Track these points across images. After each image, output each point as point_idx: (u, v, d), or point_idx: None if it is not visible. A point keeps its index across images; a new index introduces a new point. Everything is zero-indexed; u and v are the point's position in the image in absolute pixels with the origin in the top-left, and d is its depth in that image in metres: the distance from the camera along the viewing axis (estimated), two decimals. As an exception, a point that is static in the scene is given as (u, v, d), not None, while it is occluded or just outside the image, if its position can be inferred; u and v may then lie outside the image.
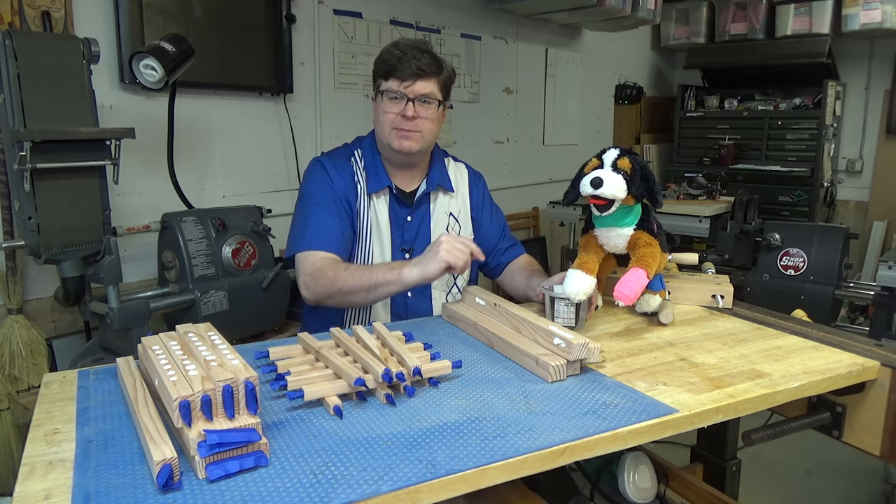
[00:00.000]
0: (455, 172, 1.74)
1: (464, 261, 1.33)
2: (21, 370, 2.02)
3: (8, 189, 1.92)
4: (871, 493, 2.56)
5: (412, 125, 1.52)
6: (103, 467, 0.79)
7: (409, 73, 1.49)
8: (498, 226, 1.80)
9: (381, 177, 1.61)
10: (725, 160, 4.65)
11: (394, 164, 1.63)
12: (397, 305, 1.61)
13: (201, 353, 0.90)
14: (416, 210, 1.64)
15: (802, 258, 2.59)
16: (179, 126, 2.36)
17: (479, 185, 1.79)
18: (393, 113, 1.52)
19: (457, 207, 1.71)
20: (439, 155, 1.73)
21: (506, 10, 3.80)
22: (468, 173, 1.78)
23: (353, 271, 1.44)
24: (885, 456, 1.18)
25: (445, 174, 1.70)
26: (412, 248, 1.62)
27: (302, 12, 2.89)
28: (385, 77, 1.53)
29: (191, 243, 2.10)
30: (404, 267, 1.38)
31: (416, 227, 1.64)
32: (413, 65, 1.48)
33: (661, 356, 1.18)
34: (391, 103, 1.52)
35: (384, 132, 1.55)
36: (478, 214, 1.76)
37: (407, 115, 1.50)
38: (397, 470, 0.78)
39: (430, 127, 1.56)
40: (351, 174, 1.61)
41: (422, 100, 1.52)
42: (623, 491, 1.39)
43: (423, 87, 1.51)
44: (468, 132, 3.82)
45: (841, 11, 4.26)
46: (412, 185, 1.66)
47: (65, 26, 2.17)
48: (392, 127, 1.53)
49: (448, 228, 1.67)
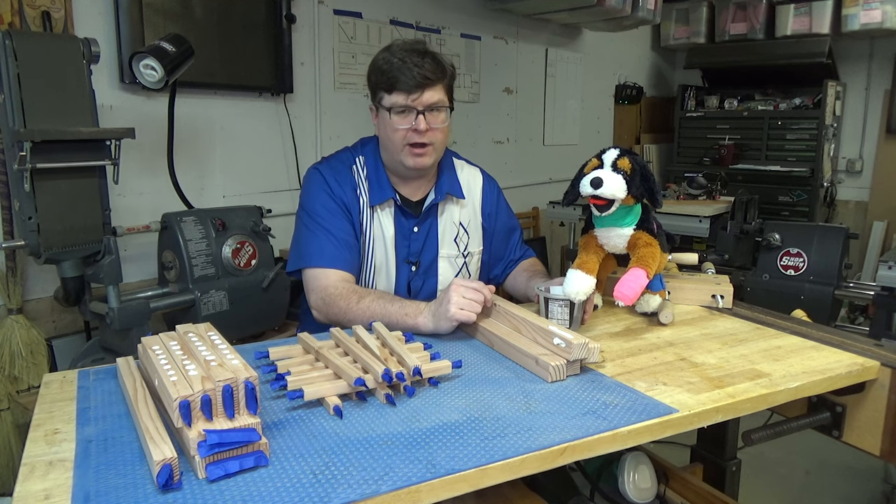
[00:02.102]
0: (468, 177, 1.66)
1: (476, 312, 1.25)
2: (21, 370, 2.02)
3: (8, 189, 1.92)
4: (871, 493, 2.56)
5: (426, 138, 1.43)
6: (103, 467, 0.79)
7: (415, 83, 1.39)
8: (511, 236, 1.73)
9: (384, 189, 1.52)
10: (725, 160, 4.65)
11: (401, 176, 1.55)
12: None
13: (201, 353, 0.90)
14: (423, 221, 1.57)
15: (802, 258, 2.59)
16: (179, 126, 2.36)
17: (492, 192, 1.69)
18: (404, 129, 1.42)
19: (466, 217, 1.63)
20: (448, 158, 1.64)
21: (506, 10, 3.80)
22: (482, 179, 1.69)
23: (366, 307, 1.34)
24: (885, 456, 1.18)
25: (455, 181, 1.62)
26: (418, 260, 1.57)
27: (302, 12, 2.89)
28: (388, 90, 1.42)
29: (191, 243, 2.10)
30: (419, 316, 1.28)
31: (422, 238, 1.56)
32: (417, 73, 1.38)
33: (661, 356, 1.18)
34: (400, 118, 1.42)
35: (396, 150, 1.46)
36: (490, 224, 1.68)
37: (420, 129, 1.41)
38: (397, 470, 0.78)
39: (442, 137, 1.48)
40: (353, 184, 1.53)
41: (431, 109, 1.43)
42: (623, 491, 1.39)
43: (432, 96, 1.42)
44: (468, 132, 3.82)
45: (841, 11, 4.26)
46: (419, 195, 1.58)
47: (65, 26, 2.17)
48: (405, 144, 1.44)
49: (456, 240, 1.60)
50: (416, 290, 1.58)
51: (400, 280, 1.56)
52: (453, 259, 1.61)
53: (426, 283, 1.59)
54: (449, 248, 1.60)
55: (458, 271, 1.62)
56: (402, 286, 1.57)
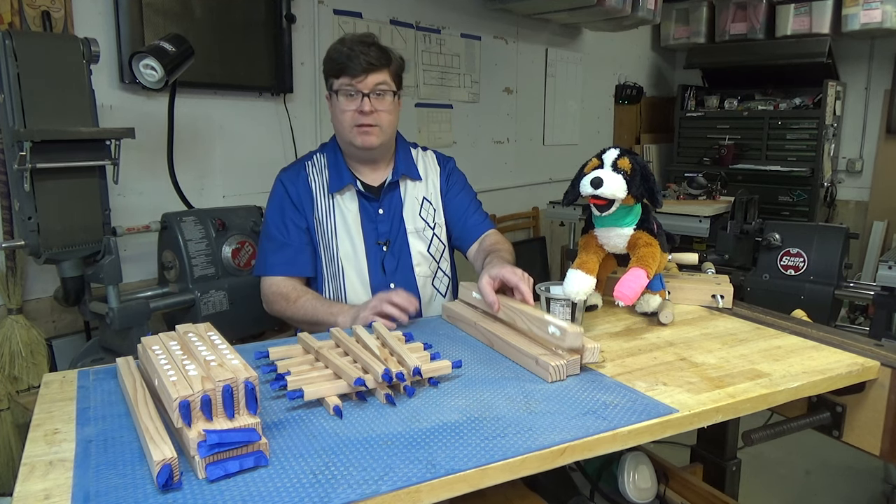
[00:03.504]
0: (423, 160, 1.74)
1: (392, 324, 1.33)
2: (21, 370, 2.02)
3: (8, 189, 1.92)
4: (871, 493, 2.56)
5: (371, 119, 1.54)
6: (103, 467, 0.79)
7: (360, 68, 1.51)
8: (465, 202, 1.75)
9: (342, 174, 1.62)
10: (725, 160, 4.66)
11: (358, 160, 1.64)
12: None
13: (201, 353, 0.90)
14: (385, 202, 1.64)
15: (802, 258, 2.59)
16: (179, 126, 2.36)
17: (446, 166, 1.77)
18: (350, 110, 1.54)
19: (428, 191, 1.71)
20: (404, 145, 1.73)
21: (506, 10, 3.80)
22: (436, 157, 1.78)
23: (300, 307, 1.53)
24: (885, 456, 1.18)
25: (412, 163, 1.70)
26: (388, 240, 1.63)
27: (302, 12, 2.89)
28: (336, 75, 1.55)
29: (191, 243, 2.10)
30: (340, 315, 1.44)
31: (388, 219, 1.64)
32: (363, 60, 1.50)
33: (661, 356, 1.18)
34: (347, 101, 1.54)
35: (345, 130, 1.57)
36: (445, 193, 1.74)
37: (364, 110, 1.52)
38: (397, 470, 0.78)
39: (388, 119, 1.57)
40: (305, 179, 1.63)
41: (376, 92, 1.53)
42: (623, 491, 1.39)
43: (376, 78, 1.53)
44: (468, 132, 3.82)
45: (841, 11, 4.27)
46: (379, 180, 1.66)
47: (65, 26, 2.17)
48: (353, 125, 1.55)
49: (421, 213, 1.67)
50: (390, 270, 1.63)
51: (372, 262, 1.61)
52: (421, 232, 1.67)
53: (401, 261, 1.64)
54: (415, 223, 1.66)
55: (430, 243, 1.67)
56: (376, 268, 1.61)
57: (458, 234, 1.72)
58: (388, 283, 1.60)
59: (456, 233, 1.72)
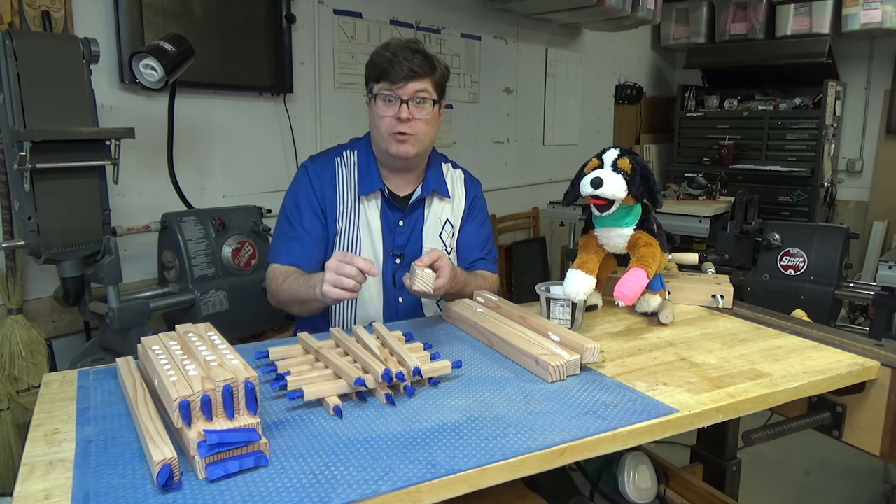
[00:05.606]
0: (452, 178, 1.70)
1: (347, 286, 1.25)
2: (21, 370, 2.02)
3: (8, 189, 1.92)
4: (871, 493, 2.56)
5: (408, 127, 1.49)
6: (103, 467, 0.79)
7: (402, 75, 1.46)
8: (479, 240, 1.73)
9: (373, 179, 1.57)
10: (725, 160, 4.65)
11: (389, 167, 1.60)
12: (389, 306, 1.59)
13: (201, 353, 0.90)
14: (408, 215, 1.60)
15: (802, 258, 2.59)
16: (179, 126, 2.36)
17: (473, 191, 1.73)
18: (388, 116, 1.49)
19: (453, 213, 1.67)
20: (437, 159, 1.68)
21: (506, 10, 3.80)
22: (465, 180, 1.73)
23: (288, 285, 1.46)
24: (885, 456, 1.18)
25: (442, 180, 1.66)
26: (402, 253, 1.59)
27: (302, 12, 2.89)
28: (377, 80, 1.51)
29: (191, 243, 2.10)
30: (316, 287, 1.33)
31: (407, 232, 1.60)
32: (405, 66, 1.46)
33: (661, 356, 1.18)
34: (385, 106, 1.49)
35: (381, 137, 1.52)
36: (465, 221, 1.70)
37: (402, 117, 1.47)
38: (397, 470, 0.78)
39: (426, 129, 1.52)
40: (332, 175, 1.58)
41: (416, 100, 1.49)
42: (623, 491, 1.39)
43: (416, 86, 1.48)
44: (468, 132, 3.82)
45: (841, 11, 4.26)
46: (406, 190, 1.62)
47: (65, 26, 2.17)
48: (389, 132, 1.50)
49: (442, 235, 1.64)
50: (400, 283, 1.59)
51: (386, 273, 1.59)
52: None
53: None
54: (433, 243, 1.62)
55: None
56: (388, 280, 1.59)
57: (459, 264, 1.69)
58: (397, 297, 1.58)
59: (459, 262, 1.69)
